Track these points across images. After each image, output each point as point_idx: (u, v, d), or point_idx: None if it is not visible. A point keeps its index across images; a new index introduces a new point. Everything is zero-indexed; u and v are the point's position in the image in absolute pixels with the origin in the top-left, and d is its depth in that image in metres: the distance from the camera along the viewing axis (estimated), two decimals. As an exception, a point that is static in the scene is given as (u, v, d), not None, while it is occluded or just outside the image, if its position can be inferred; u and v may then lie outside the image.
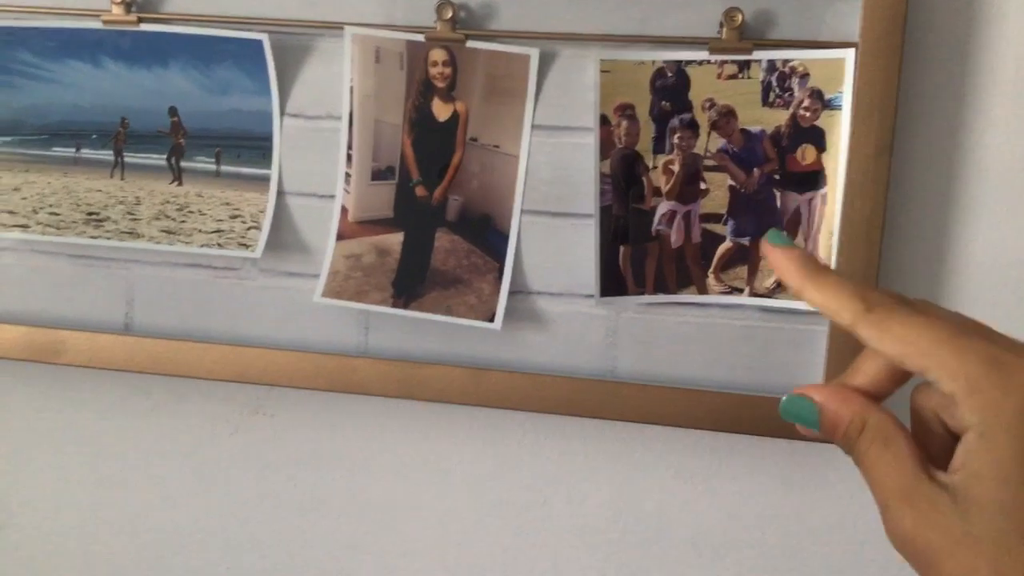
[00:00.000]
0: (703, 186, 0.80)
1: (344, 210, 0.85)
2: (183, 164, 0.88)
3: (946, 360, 0.33)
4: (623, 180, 0.80)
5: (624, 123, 0.80)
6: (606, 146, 0.80)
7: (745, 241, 0.80)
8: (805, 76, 0.77)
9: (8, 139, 0.91)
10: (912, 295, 0.77)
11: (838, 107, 0.76)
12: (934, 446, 0.36)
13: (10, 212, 0.91)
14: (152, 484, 0.94)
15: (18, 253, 0.92)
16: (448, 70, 0.82)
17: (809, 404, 0.37)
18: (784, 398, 0.38)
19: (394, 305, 0.84)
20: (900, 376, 0.38)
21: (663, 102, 0.79)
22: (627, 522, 0.87)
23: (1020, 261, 0.79)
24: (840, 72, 0.76)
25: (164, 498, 0.94)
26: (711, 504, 0.86)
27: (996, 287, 0.79)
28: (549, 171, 0.82)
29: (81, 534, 0.96)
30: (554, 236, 0.82)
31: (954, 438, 0.35)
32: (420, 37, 0.81)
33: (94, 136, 0.89)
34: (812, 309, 0.77)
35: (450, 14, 0.80)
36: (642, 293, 0.81)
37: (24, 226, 0.90)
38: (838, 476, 0.83)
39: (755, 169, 0.79)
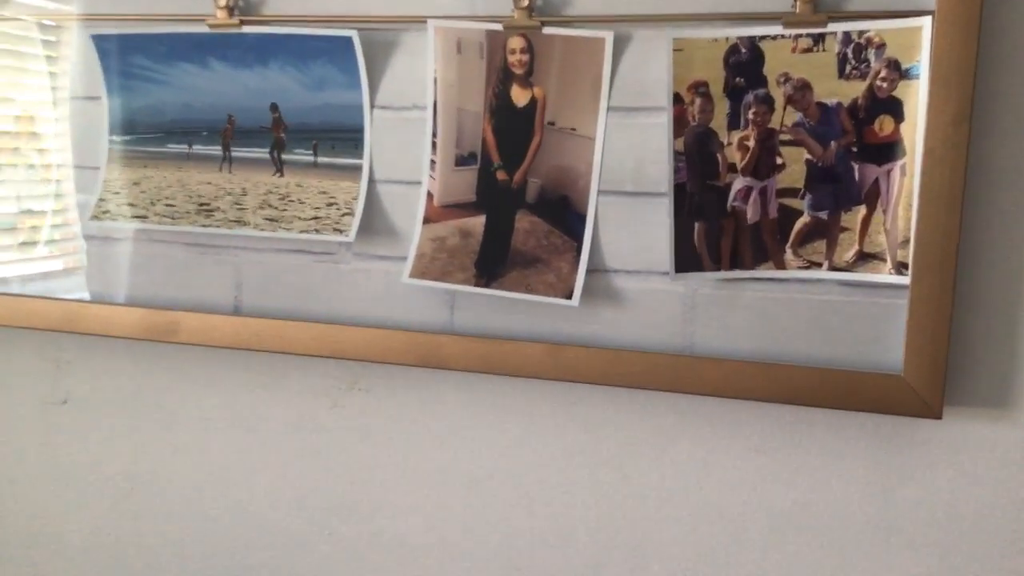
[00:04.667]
0: (779, 161, 0.80)
1: (430, 195, 0.89)
2: (284, 157, 0.94)
3: None
4: (697, 157, 0.82)
5: (698, 101, 0.81)
6: (680, 124, 0.81)
7: (823, 215, 0.80)
8: (881, 47, 0.76)
9: (128, 137, 0.99)
10: (992, 267, 0.76)
11: (916, 76, 0.75)
12: None
13: (131, 204, 0.99)
14: (258, 455, 1.01)
15: (137, 242, 1.00)
16: (526, 57, 0.85)
17: None
18: None
19: (477, 284, 0.88)
20: None
21: (737, 78, 0.80)
22: (708, 495, 0.88)
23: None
24: (917, 41, 0.75)
25: (268, 467, 1.01)
26: (793, 478, 0.86)
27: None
28: (624, 152, 0.84)
29: (194, 500, 1.04)
30: (630, 215, 0.84)
31: None
32: (498, 26, 0.85)
33: (204, 133, 0.96)
34: (892, 282, 0.76)
35: (527, 2, 0.83)
36: (718, 269, 0.82)
37: (143, 217, 0.99)
38: (923, 452, 0.82)
39: (832, 142, 0.79)
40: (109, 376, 1.06)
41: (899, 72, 0.76)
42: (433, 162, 0.89)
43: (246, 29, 0.92)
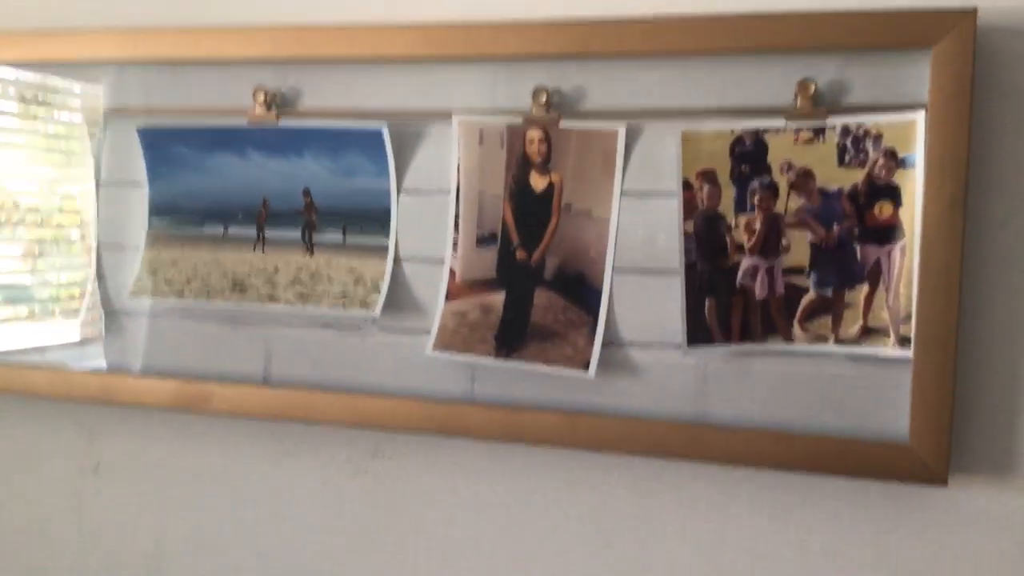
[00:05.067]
0: (784, 242, 0.85)
1: (452, 273, 0.94)
2: (315, 238, 0.99)
3: None
4: (707, 239, 0.86)
5: (706, 187, 0.86)
6: (689, 208, 0.87)
7: (828, 292, 0.84)
8: (879, 137, 0.81)
9: (167, 219, 1.04)
10: (992, 340, 0.80)
11: (912, 165, 0.81)
12: None
13: (167, 282, 1.04)
14: (284, 522, 1.03)
15: (172, 317, 1.05)
16: (544, 147, 0.91)
17: None
18: None
19: (497, 357, 0.91)
20: None
21: (743, 166, 0.85)
22: (722, 562, 0.90)
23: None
24: (912, 133, 0.80)
25: (294, 535, 1.03)
26: (804, 545, 0.87)
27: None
28: (637, 232, 0.89)
29: (222, 567, 1.06)
30: (643, 292, 0.89)
31: None
32: (518, 120, 0.91)
33: (240, 216, 1.02)
34: (896, 356, 0.80)
35: (545, 98, 0.89)
36: (728, 343, 0.86)
37: (179, 293, 1.03)
38: (929, 518, 0.84)
39: (834, 225, 0.83)
40: (140, 444, 1.09)
41: (896, 161, 0.81)
42: (456, 242, 0.94)
43: (283, 123, 0.98)
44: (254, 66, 0.99)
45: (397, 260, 0.96)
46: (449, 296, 0.94)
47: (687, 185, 0.87)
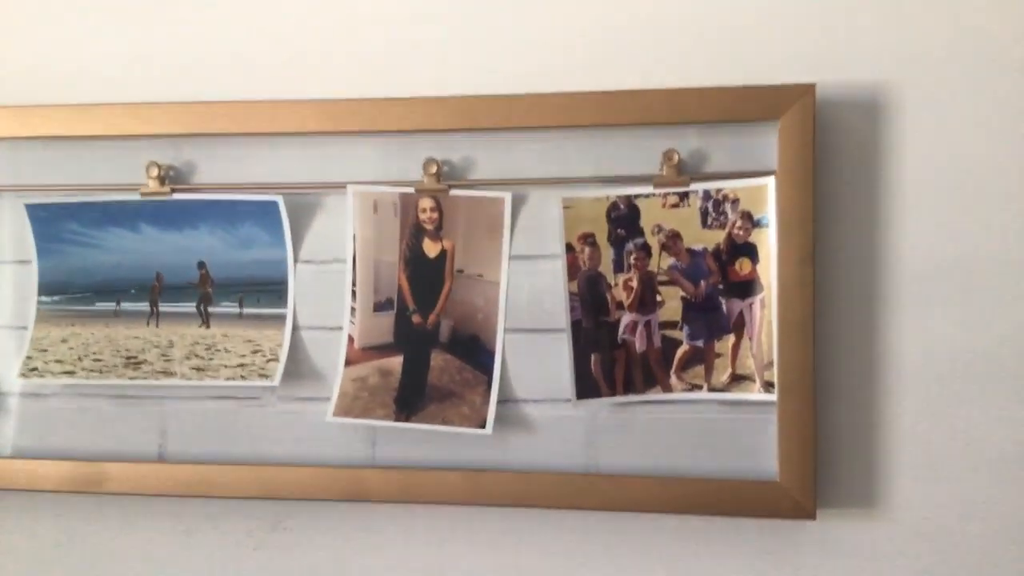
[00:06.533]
0: (659, 298, 0.92)
1: (350, 339, 0.97)
2: (211, 309, 1.00)
3: None
4: (589, 297, 0.93)
5: (587, 249, 0.93)
6: (573, 269, 0.93)
7: (700, 343, 0.91)
8: (736, 201, 0.90)
9: (57, 298, 1.03)
10: (846, 384, 0.88)
11: (766, 225, 0.89)
12: None
13: (58, 361, 1.02)
14: (183, 603, 1.01)
15: (64, 397, 1.03)
16: (435, 215, 0.96)
17: None
18: None
19: (397, 419, 0.94)
20: None
21: (619, 229, 0.92)
22: (619, 610, 0.94)
23: (941, 346, 0.89)
24: (764, 196, 0.89)
25: (194, 616, 1.01)
26: (693, 586, 0.93)
27: (922, 375, 0.90)
28: (526, 294, 0.94)
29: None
30: (534, 350, 0.94)
31: None
32: (411, 189, 0.95)
33: (132, 291, 1.01)
34: (762, 399, 0.87)
35: (435, 169, 0.94)
36: (613, 394, 0.92)
37: (70, 372, 1.02)
38: (803, 551, 0.91)
39: (702, 281, 0.91)
40: (34, 530, 1.05)
41: (752, 222, 0.90)
42: (353, 309, 0.97)
43: (177, 196, 0.99)
44: (148, 141, 0.99)
45: (295, 328, 0.98)
46: (348, 362, 0.96)
47: (569, 248, 0.93)
